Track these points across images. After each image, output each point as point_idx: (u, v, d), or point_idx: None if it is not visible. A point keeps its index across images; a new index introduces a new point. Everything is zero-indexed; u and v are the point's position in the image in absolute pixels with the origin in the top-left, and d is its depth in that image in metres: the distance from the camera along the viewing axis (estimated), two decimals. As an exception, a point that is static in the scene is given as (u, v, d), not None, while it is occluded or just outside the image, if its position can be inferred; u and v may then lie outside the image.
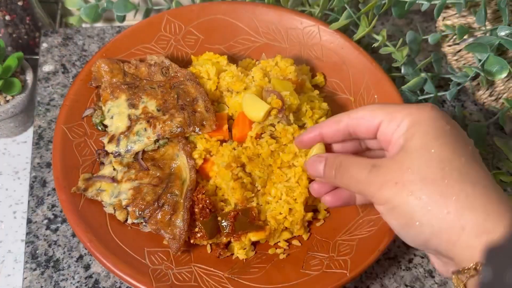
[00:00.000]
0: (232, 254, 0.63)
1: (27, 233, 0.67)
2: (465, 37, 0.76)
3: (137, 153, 0.65)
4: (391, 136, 0.48)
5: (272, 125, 0.65)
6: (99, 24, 0.91)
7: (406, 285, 0.66)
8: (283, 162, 0.63)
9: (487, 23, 0.73)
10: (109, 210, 0.62)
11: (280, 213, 0.63)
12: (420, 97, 0.77)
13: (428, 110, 0.47)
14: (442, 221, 0.42)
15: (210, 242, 0.63)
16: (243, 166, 0.64)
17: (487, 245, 0.40)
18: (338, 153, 0.55)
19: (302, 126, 0.67)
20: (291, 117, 0.65)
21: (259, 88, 0.67)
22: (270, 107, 0.64)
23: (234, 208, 0.62)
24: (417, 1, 0.73)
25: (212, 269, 0.60)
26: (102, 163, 0.66)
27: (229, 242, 0.63)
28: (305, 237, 0.65)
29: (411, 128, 0.47)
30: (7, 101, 0.76)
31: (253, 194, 0.63)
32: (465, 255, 0.42)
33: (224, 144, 0.65)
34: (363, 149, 0.56)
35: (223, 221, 0.61)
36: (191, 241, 0.62)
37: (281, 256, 0.63)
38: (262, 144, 0.64)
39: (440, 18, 0.78)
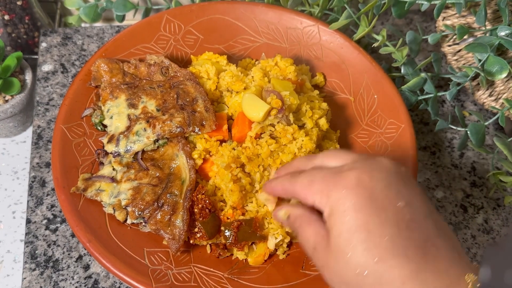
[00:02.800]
0: (232, 255, 0.63)
1: (26, 233, 0.67)
2: (465, 37, 0.75)
3: (136, 153, 0.65)
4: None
5: (272, 125, 0.65)
6: (98, 24, 0.91)
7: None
8: (282, 162, 0.63)
9: (487, 23, 0.73)
10: (108, 210, 0.62)
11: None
12: (420, 97, 0.77)
13: (348, 195, 0.44)
14: None
15: (210, 242, 0.63)
16: (242, 166, 0.64)
17: None
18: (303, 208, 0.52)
19: (302, 126, 0.67)
20: (291, 117, 0.65)
21: (259, 88, 0.67)
22: (270, 107, 0.63)
23: (230, 207, 0.62)
24: (417, 1, 0.73)
25: (211, 269, 0.60)
26: (102, 163, 0.66)
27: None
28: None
29: (329, 219, 0.45)
30: (6, 101, 0.76)
31: (250, 199, 0.63)
32: None
33: (223, 144, 0.65)
34: None
35: (226, 230, 0.60)
36: (191, 241, 0.62)
37: (281, 257, 0.63)
38: (262, 144, 0.64)
39: (440, 18, 0.77)
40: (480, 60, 0.70)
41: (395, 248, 0.42)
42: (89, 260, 0.65)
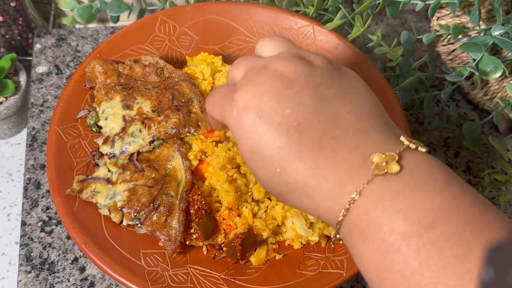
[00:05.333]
0: (228, 255, 0.63)
1: (22, 236, 0.66)
2: (460, 36, 0.76)
3: (132, 154, 0.65)
4: None
5: None
6: (92, 25, 0.91)
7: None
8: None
9: (481, 22, 0.73)
10: (104, 212, 0.62)
11: (274, 219, 0.63)
12: (415, 97, 0.77)
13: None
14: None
15: (206, 243, 0.63)
16: (238, 167, 0.64)
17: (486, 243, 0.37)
18: None
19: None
20: None
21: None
22: None
23: (226, 208, 0.62)
24: (411, 1, 0.73)
25: (208, 270, 0.60)
26: (97, 165, 0.66)
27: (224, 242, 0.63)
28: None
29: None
30: (0, 102, 0.76)
31: (245, 200, 0.63)
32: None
33: (219, 145, 0.65)
34: None
35: (231, 250, 0.60)
36: (187, 243, 0.61)
37: (278, 257, 0.63)
38: None
39: (434, 18, 0.78)
40: (474, 60, 0.70)
41: (289, 155, 0.41)
42: (85, 262, 0.65)
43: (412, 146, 0.40)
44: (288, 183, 0.42)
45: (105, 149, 0.65)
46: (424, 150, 0.40)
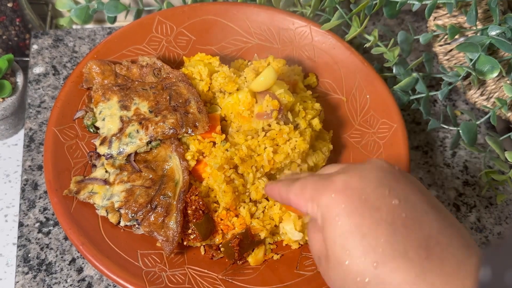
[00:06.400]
0: (226, 256, 0.63)
1: (19, 237, 0.66)
2: (456, 36, 0.76)
3: (129, 155, 0.65)
4: None
5: (268, 124, 0.65)
6: (89, 26, 0.90)
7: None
8: (276, 163, 0.63)
9: (478, 22, 0.73)
10: (101, 212, 0.62)
11: (272, 219, 0.63)
12: (412, 97, 0.77)
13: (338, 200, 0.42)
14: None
15: (204, 244, 0.63)
16: (235, 167, 0.64)
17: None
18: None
19: (296, 127, 0.67)
20: (290, 116, 0.65)
21: (252, 89, 0.67)
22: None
23: (223, 209, 0.62)
24: (408, 1, 0.73)
25: (206, 270, 0.60)
26: (94, 165, 0.66)
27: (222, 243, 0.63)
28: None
29: (323, 228, 0.43)
30: (-3, 103, 0.76)
31: (243, 200, 0.63)
32: None
33: (217, 145, 0.65)
34: None
35: (228, 250, 0.60)
36: (185, 243, 0.61)
37: (275, 257, 0.63)
38: (255, 144, 0.64)
39: (431, 18, 0.78)
40: (471, 60, 0.70)
41: (394, 249, 0.38)
42: (83, 263, 0.65)
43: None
44: (382, 282, 0.38)
45: (102, 149, 0.65)
46: None
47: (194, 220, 0.60)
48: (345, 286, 0.41)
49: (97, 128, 0.67)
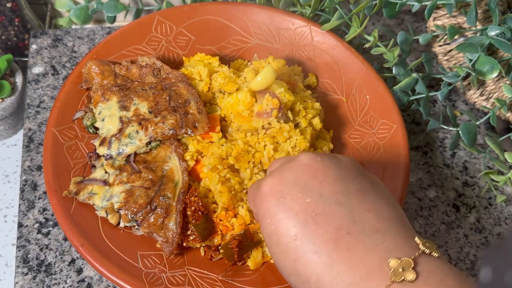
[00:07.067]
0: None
1: (18, 237, 0.66)
2: (456, 37, 0.76)
3: (129, 156, 0.64)
4: None
5: (268, 122, 0.65)
6: (89, 25, 0.90)
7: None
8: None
9: (477, 23, 0.73)
10: (101, 213, 0.61)
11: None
12: (412, 97, 0.77)
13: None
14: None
15: (203, 245, 0.62)
16: (231, 166, 0.63)
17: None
18: None
19: (296, 126, 0.67)
20: (290, 114, 0.65)
21: (251, 89, 0.67)
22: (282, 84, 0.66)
23: (222, 209, 0.62)
24: (408, 2, 0.73)
25: (206, 271, 0.60)
26: (94, 166, 0.66)
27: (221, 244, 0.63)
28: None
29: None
30: (-3, 103, 0.76)
31: (241, 198, 0.63)
32: None
33: (212, 144, 0.64)
34: None
35: (228, 252, 0.60)
36: (184, 244, 0.61)
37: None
38: (255, 141, 0.64)
39: (431, 18, 0.78)
40: (471, 60, 0.70)
41: (304, 245, 0.42)
42: (82, 264, 0.65)
43: (427, 251, 0.40)
44: (300, 274, 0.42)
45: (102, 150, 0.64)
46: (437, 255, 0.41)
47: (194, 221, 0.60)
48: (281, 270, 0.46)
49: (97, 129, 0.67)
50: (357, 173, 0.46)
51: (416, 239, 0.42)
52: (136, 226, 0.61)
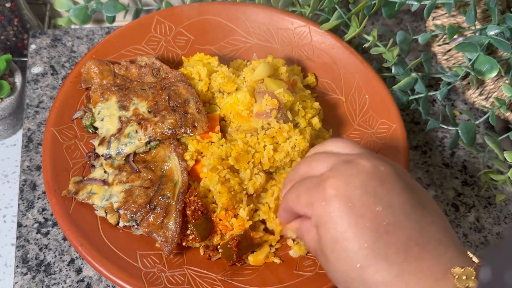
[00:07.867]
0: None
1: (18, 237, 0.66)
2: (455, 36, 0.76)
3: (128, 155, 0.64)
4: None
5: (268, 123, 0.65)
6: (88, 25, 0.90)
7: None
8: (275, 161, 0.63)
9: (476, 22, 0.73)
10: (100, 213, 0.61)
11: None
12: (411, 97, 0.77)
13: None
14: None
15: (203, 244, 0.62)
16: (231, 166, 0.63)
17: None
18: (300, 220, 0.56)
19: (296, 126, 0.67)
20: (289, 114, 0.65)
21: (251, 89, 0.67)
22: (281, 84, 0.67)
23: (222, 209, 0.62)
24: (407, 1, 0.73)
25: (205, 271, 0.60)
26: (93, 166, 0.65)
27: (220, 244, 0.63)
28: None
29: (317, 230, 0.47)
30: (-4, 103, 0.75)
31: (240, 199, 0.63)
32: None
33: (211, 144, 0.64)
34: None
35: (226, 252, 0.60)
36: (184, 244, 0.61)
37: (276, 261, 0.62)
38: (255, 141, 0.64)
39: (430, 18, 0.78)
40: (470, 60, 0.70)
41: (375, 254, 0.43)
42: (82, 264, 0.64)
43: (480, 264, 0.42)
44: (365, 281, 0.43)
45: (101, 150, 0.64)
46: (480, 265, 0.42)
47: (193, 221, 0.60)
48: (337, 279, 0.46)
49: (96, 129, 0.67)
50: (412, 183, 0.48)
51: (469, 253, 0.44)
52: (136, 226, 0.61)
